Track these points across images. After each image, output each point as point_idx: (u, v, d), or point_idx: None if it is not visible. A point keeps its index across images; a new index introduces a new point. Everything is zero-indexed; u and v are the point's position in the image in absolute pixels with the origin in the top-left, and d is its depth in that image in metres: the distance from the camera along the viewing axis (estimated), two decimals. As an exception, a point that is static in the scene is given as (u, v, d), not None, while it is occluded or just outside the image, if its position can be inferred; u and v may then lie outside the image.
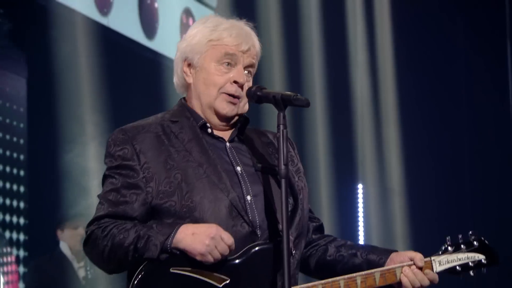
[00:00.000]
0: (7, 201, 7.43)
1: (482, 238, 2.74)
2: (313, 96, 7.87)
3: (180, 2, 7.81)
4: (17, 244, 7.44)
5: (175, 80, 2.80)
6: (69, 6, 7.04)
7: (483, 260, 2.75)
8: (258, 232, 2.61)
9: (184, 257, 2.51)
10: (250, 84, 2.71)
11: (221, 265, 2.55)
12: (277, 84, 7.55)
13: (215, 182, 2.61)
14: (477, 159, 9.13)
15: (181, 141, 2.68)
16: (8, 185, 7.43)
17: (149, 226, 2.60)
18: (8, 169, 7.47)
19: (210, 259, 2.47)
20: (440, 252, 2.71)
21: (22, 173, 7.56)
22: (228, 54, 2.67)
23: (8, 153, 7.40)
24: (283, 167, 2.48)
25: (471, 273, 2.73)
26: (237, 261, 2.58)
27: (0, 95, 7.40)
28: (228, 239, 2.50)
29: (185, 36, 2.78)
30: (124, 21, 7.79)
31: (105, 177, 2.70)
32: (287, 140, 2.56)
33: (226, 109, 2.66)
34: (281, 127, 2.50)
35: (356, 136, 8.48)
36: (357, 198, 8.76)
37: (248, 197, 2.65)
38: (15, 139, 7.47)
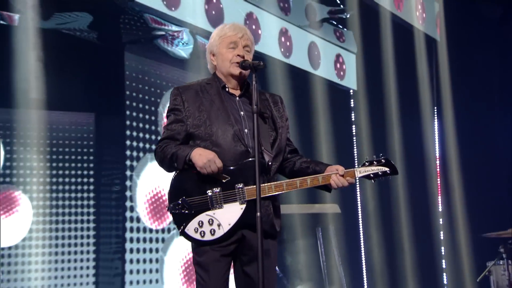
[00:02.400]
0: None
1: (388, 158, 3.27)
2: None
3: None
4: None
5: (208, 66, 3.41)
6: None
7: (388, 171, 3.28)
8: (250, 151, 3.17)
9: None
10: (250, 56, 3.30)
11: (226, 170, 3.14)
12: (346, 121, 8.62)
13: (226, 120, 3.20)
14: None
15: (210, 95, 3.26)
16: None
17: (180, 147, 3.19)
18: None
19: (205, 171, 3.07)
20: (360, 166, 3.31)
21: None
22: (232, 42, 3.27)
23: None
24: (254, 107, 3.06)
25: (380, 178, 3.31)
26: (235, 168, 3.16)
27: None
28: (219, 163, 3.08)
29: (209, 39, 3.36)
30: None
31: (167, 116, 3.33)
32: (258, 91, 3.11)
33: (237, 71, 3.26)
34: (254, 82, 3.11)
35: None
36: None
37: (246, 130, 3.21)
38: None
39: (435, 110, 9.16)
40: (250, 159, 3.16)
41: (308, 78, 8.27)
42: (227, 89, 3.32)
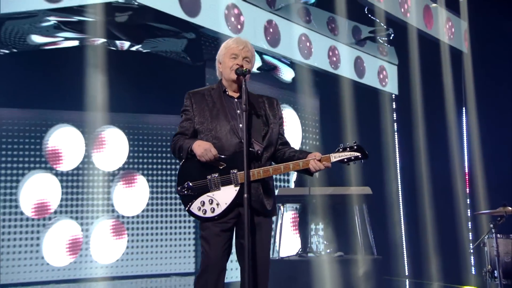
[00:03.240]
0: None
1: (359, 144, 3.01)
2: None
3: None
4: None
5: (217, 73, 3.25)
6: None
7: (359, 156, 3.00)
8: (244, 142, 2.98)
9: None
10: (249, 65, 3.14)
11: (223, 159, 3.03)
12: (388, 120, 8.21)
13: (224, 117, 3.08)
14: None
15: (213, 98, 3.14)
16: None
17: (186, 140, 3.09)
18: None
19: (203, 159, 2.99)
20: (335, 152, 3.03)
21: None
22: (234, 53, 3.12)
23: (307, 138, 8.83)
24: (243, 106, 2.95)
25: (353, 162, 3.02)
26: (230, 156, 3.03)
27: (300, 110, 8.77)
28: (214, 151, 2.99)
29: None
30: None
31: (180, 115, 3.22)
32: (247, 92, 2.98)
33: (234, 77, 3.11)
34: (243, 86, 3.00)
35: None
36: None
37: (240, 125, 3.06)
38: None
39: (464, 110, 8.44)
40: (242, 149, 3.02)
41: (353, 85, 8.05)
42: (227, 93, 3.20)
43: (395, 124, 8.65)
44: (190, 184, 3.06)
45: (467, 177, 8.17)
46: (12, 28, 6.34)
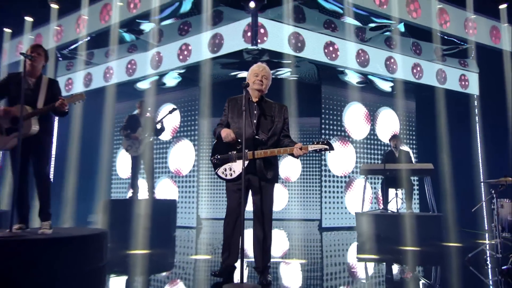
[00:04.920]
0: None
1: (328, 139, 2.91)
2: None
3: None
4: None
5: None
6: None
7: (328, 148, 2.97)
8: (255, 132, 3.07)
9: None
10: (266, 82, 3.16)
11: (240, 142, 3.06)
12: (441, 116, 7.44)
13: (246, 114, 3.03)
14: None
15: (242, 101, 3.11)
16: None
17: (219, 129, 3.13)
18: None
19: (226, 141, 3.05)
20: (312, 144, 3.00)
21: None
22: (255, 73, 3.18)
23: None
24: (243, 108, 2.93)
25: (324, 152, 3.00)
26: (244, 141, 2.98)
27: (398, 110, 8.53)
28: (233, 135, 3.04)
29: None
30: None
31: (222, 113, 3.23)
32: (247, 98, 2.99)
33: (256, 89, 3.13)
34: (244, 93, 2.97)
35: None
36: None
37: (255, 121, 3.08)
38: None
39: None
40: (256, 137, 3.14)
41: (434, 90, 7.80)
42: (250, 99, 3.28)
43: (477, 117, 8.02)
44: (219, 156, 3.14)
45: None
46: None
